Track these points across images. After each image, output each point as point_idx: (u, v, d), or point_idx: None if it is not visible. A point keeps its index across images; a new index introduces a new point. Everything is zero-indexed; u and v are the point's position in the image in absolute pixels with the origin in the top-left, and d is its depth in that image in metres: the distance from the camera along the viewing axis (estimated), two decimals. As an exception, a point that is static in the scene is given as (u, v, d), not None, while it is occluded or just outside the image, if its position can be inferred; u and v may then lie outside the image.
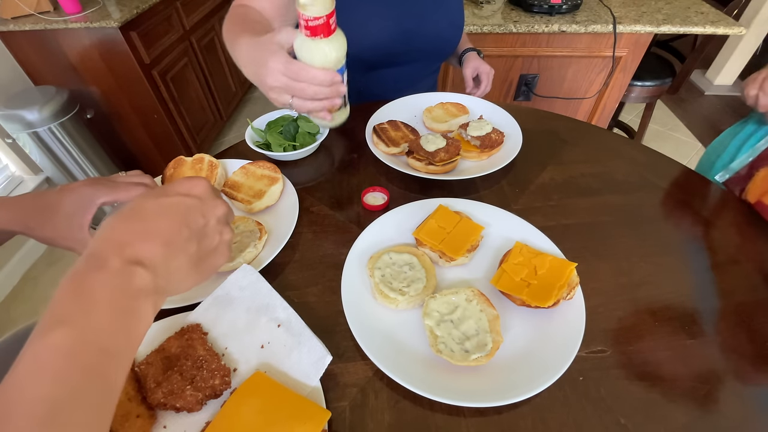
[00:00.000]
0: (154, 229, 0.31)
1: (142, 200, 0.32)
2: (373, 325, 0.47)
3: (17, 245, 1.71)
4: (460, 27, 0.92)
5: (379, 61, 0.86)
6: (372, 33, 0.80)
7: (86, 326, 0.25)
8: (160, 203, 0.32)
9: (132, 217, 0.31)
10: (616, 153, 0.75)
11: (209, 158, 0.68)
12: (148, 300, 0.29)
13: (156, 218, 0.31)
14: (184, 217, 0.32)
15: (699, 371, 0.44)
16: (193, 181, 0.35)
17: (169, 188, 0.34)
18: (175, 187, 0.34)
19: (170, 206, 0.32)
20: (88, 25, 1.48)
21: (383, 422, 0.41)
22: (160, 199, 0.32)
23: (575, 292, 0.48)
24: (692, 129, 2.44)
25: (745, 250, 0.57)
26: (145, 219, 0.31)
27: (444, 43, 0.91)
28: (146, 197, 0.32)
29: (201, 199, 0.34)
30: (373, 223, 0.58)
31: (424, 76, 0.97)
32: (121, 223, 0.30)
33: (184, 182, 0.35)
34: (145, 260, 0.29)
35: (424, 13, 0.83)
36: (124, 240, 0.29)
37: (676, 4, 1.41)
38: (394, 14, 0.79)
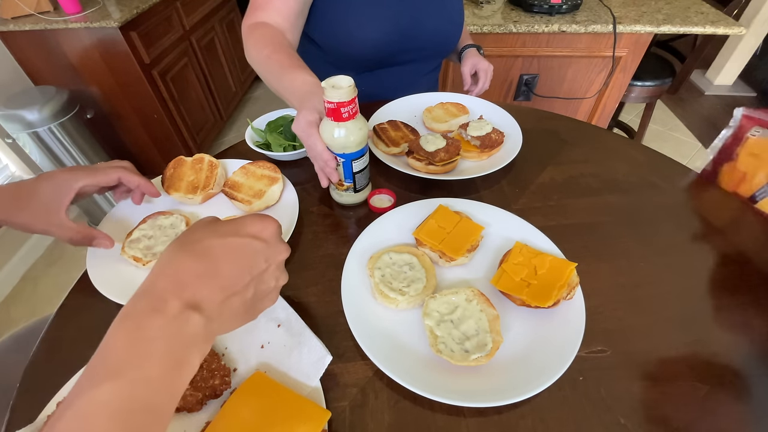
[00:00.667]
0: (217, 271, 0.29)
1: (211, 236, 0.30)
2: (373, 325, 0.47)
3: (17, 245, 1.71)
4: (459, 24, 0.91)
5: (378, 62, 0.86)
6: (369, 34, 0.80)
7: (138, 380, 0.24)
8: (228, 244, 0.30)
9: (197, 255, 0.29)
10: (616, 153, 0.75)
11: (209, 158, 0.68)
12: (197, 348, 0.28)
13: (222, 260, 0.30)
14: (250, 261, 0.31)
15: (699, 371, 0.44)
16: (265, 222, 0.34)
17: (240, 226, 0.32)
18: (246, 226, 0.32)
19: (238, 248, 0.31)
20: (88, 25, 1.48)
21: (383, 422, 0.41)
22: (229, 240, 0.31)
23: (575, 292, 0.48)
24: (692, 129, 2.44)
25: (745, 250, 0.57)
26: (211, 259, 0.29)
27: (443, 41, 0.90)
28: (215, 233, 0.31)
29: (268, 244, 0.33)
30: (373, 223, 0.58)
31: (424, 75, 0.97)
32: (185, 260, 0.29)
33: (255, 222, 0.33)
34: (202, 305, 0.28)
35: (421, 12, 0.82)
36: (185, 280, 0.28)
37: (676, 4, 1.41)
38: (391, 14, 0.79)
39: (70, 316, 0.52)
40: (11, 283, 1.67)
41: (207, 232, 0.31)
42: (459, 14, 0.91)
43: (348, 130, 0.52)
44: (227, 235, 0.31)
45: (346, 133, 0.52)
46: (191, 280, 0.28)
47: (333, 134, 0.53)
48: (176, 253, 0.29)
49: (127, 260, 0.55)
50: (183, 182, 0.65)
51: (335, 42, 0.82)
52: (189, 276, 0.28)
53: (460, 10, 0.91)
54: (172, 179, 0.66)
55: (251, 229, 0.32)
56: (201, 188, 0.64)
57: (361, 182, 0.61)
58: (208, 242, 0.30)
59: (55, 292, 1.65)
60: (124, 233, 0.58)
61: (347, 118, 0.51)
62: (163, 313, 0.26)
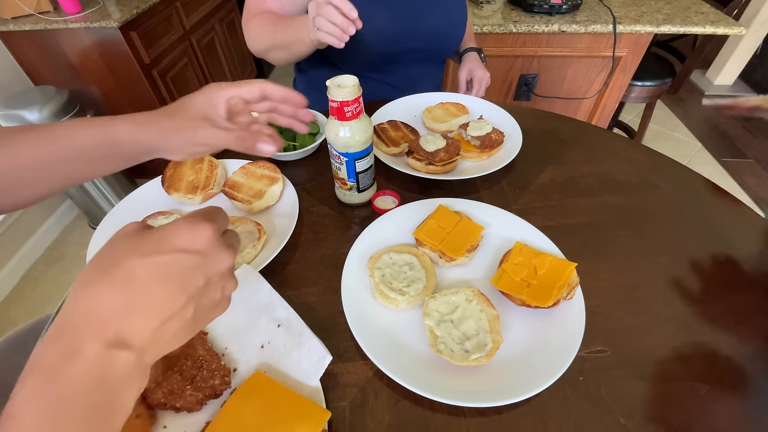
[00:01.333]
0: (143, 300, 0.24)
1: (131, 257, 0.25)
2: (373, 325, 0.47)
3: (17, 245, 1.71)
4: (461, 25, 0.91)
5: (377, 62, 0.86)
6: (367, 36, 0.80)
7: None
8: (153, 264, 0.25)
9: (116, 283, 0.24)
10: (616, 153, 0.75)
11: (209, 158, 0.68)
12: (130, 388, 0.24)
13: (147, 286, 0.25)
14: (183, 280, 0.26)
15: (699, 371, 0.44)
16: (195, 230, 0.27)
17: (165, 240, 0.26)
18: (172, 238, 0.27)
19: (166, 269, 0.25)
20: (88, 25, 1.48)
21: (383, 422, 0.41)
22: (154, 259, 0.25)
23: (575, 292, 0.48)
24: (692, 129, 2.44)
25: (745, 250, 0.57)
26: (133, 288, 0.24)
27: (443, 42, 0.90)
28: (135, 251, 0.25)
29: (204, 255, 0.27)
30: (373, 223, 0.58)
31: (425, 75, 0.97)
32: (103, 291, 0.24)
33: (183, 232, 0.27)
34: (130, 340, 0.24)
35: (421, 14, 0.82)
36: (104, 317, 0.23)
37: (676, 4, 1.41)
38: (391, 15, 0.79)
39: (70, 316, 0.52)
40: (11, 283, 1.67)
41: (126, 250, 0.26)
42: (461, 15, 0.91)
43: (352, 129, 0.52)
44: (150, 253, 0.25)
45: (350, 132, 0.53)
46: (112, 316, 0.24)
47: (337, 133, 0.53)
48: (91, 282, 0.24)
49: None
50: (183, 182, 0.65)
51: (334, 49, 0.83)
52: (108, 311, 0.24)
53: (462, 12, 0.91)
54: (172, 179, 0.66)
55: (179, 241, 0.27)
56: (201, 188, 0.64)
57: (365, 182, 0.61)
58: (129, 265, 0.25)
59: (55, 292, 1.65)
60: (124, 233, 0.58)
61: (351, 117, 0.51)
62: (80, 359, 0.22)
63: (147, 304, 0.25)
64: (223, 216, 0.31)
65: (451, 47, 0.93)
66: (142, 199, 0.65)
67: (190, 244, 0.27)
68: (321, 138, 0.73)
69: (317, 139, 0.74)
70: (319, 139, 0.73)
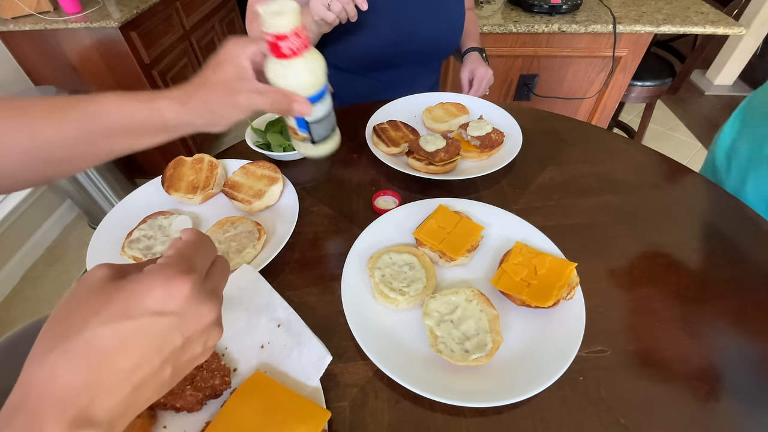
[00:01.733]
0: (109, 372, 0.22)
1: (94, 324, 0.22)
2: (373, 325, 0.47)
3: (17, 245, 1.71)
4: (458, 28, 0.91)
5: (373, 65, 0.87)
6: (364, 40, 0.80)
7: None
8: (121, 331, 0.22)
9: (76, 356, 0.21)
10: (616, 153, 0.75)
11: (209, 158, 0.68)
12: None
13: (112, 356, 0.22)
14: (156, 345, 0.23)
15: (699, 371, 0.44)
16: (169, 287, 0.24)
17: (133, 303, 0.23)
18: (142, 299, 0.23)
19: (134, 336, 0.23)
20: (88, 25, 1.48)
21: (383, 422, 0.41)
22: (121, 325, 0.22)
23: (575, 292, 0.48)
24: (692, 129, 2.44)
25: (744, 250, 0.57)
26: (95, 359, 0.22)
27: (440, 45, 0.90)
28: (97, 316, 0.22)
29: (180, 315, 0.24)
30: (373, 223, 0.58)
31: (422, 76, 0.97)
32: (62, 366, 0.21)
33: (155, 290, 0.24)
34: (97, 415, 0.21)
35: (418, 18, 0.82)
36: (65, 395, 0.21)
37: (676, 4, 1.41)
38: (386, 21, 0.79)
39: (70, 316, 0.52)
40: (11, 283, 1.67)
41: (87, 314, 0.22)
42: (458, 17, 0.90)
43: (294, 69, 0.41)
44: (117, 318, 0.22)
45: (292, 73, 0.41)
46: (73, 393, 0.21)
47: (275, 75, 0.41)
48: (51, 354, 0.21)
49: (127, 260, 0.55)
50: (183, 182, 0.65)
51: (332, 46, 0.83)
52: (69, 388, 0.21)
53: (459, 15, 0.90)
54: (172, 179, 0.66)
55: (150, 303, 0.23)
56: (201, 188, 0.64)
57: (320, 133, 0.48)
58: (90, 333, 0.22)
59: (55, 292, 1.65)
60: (124, 233, 0.58)
61: (290, 54, 0.39)
62: None
63: (113, 376, 0.22)
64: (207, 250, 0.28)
65: (447, 51, 0.93)
66: (142, 199, 0.65)
67: (164, 305, 0.24)
68: (321, 138, 0.73)
69: (317, 139, 0.74)
70: (319, 139, 0.73)
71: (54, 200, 1.88)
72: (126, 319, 0.23)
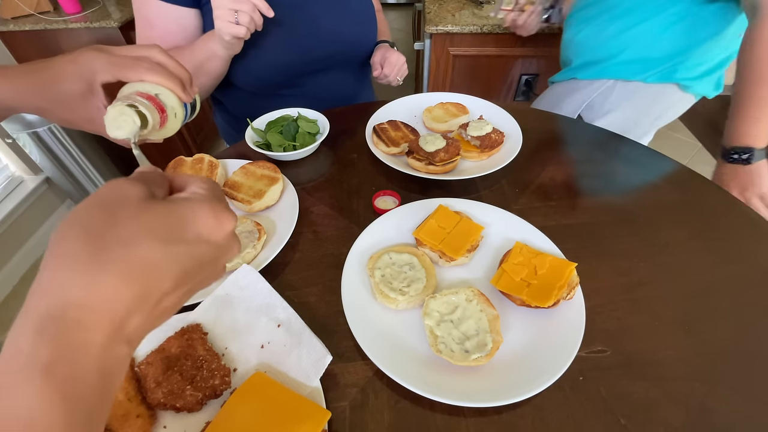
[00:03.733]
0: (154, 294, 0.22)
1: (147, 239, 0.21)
2: (373, 325, 0.47)
3: (17, 245, 1.71)
4: (365, 23, 0.88)
5: (287, 79, 0.83)
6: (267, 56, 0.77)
7: None
8: (172, 255, 0.22)
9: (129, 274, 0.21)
10: (616, 153, 0.75)
11: (209, 158, 0.68)
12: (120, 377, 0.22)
13: (161, 278, 0.22)
14: (195, 273, 0.24)
15: (699, 371, 0.44)
16: (221, 220, 0.25)
17: (188, 225, 0.23)
18: (195, 224, 0.24)
19: (184, 260, 0.23)
20: (88, 25, 1.48)
21: (383, 422, 0.41)
22: (174, 248, 0.22)
23: (575, 292, 0.48)
24: (692, 129, 2.44)
25: (744, 250, 0.57)
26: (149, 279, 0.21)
27: (351, 45, 0.86)
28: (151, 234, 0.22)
29: (222, 248, 0.25)
30: (373, 223, 0.58)
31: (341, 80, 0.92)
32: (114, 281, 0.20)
33: (209, 217, 0.24)
34: (131, 337, 0.22)
35: (318, 22, 0.79)
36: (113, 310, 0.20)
37: (676, 4, 1.40)
38: (284, 33, 0.76)
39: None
40: (11, 283, 1.67)
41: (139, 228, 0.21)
42: (364, 13, 0.87)
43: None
44: (171, 239, 0.22)
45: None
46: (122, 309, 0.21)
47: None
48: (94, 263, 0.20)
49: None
50: (183, 182, 0.65)
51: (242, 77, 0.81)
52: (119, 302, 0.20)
53: (365, 9, 0.87)
54: (172, 179, 0.66)
55: (203, 229, 0.24)
56: (201, 188, 0.64)
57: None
58: (145, 250, 0.21)
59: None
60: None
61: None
62: (86, 358, 0.20)
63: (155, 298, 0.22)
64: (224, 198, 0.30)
65: (361, 48, 0.89)
66: (142, 199, 0.65)
67: (213, 235, 0.24)
68: (321, 138, 0.73)
69: (317, 139, 0.74)
70: (320, 139, 0.73)
71: (54, 200, 1.88)
72: (180, 242, 0.23)
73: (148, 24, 0.74)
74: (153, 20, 0.73)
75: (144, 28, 0.75)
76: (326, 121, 0.76)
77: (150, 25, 0.74)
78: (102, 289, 0.20)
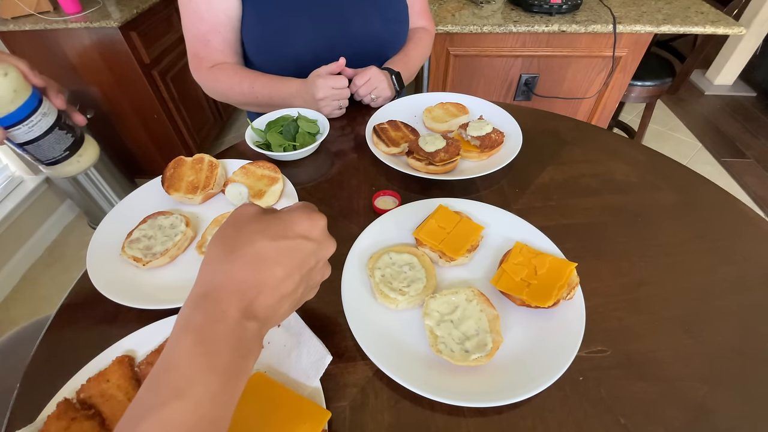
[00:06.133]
0: (272, 278, 0.29)
1: (261, 238, 0.29)
2: (373, 325, 0.47)
3: (17, 245, 1.71)
4: (397, 21, 0.86)
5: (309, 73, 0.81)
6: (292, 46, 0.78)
7: (203, 396, 0.24)
8: (280, 248, 0.30)
9: (250, 262, 0.29)
10: (616, 153, 0.75)
11: (209, 158, 0.68)
12: (253, 355, 0.28)
13: (276, 266, 0.29)
14: (301, 264, 0.31)
15: (699, 371, 0.44)
16: (313, 220, 0.33)
17: (289, 226, 0.31)
18: (294, 225, 0.31)
19: (290, 252, 0.30)
20: (88, 25, 1.48)
21: (383, 422, 0.41)
22: (281, 243, 0.30)
23: (575, 292, 0.48)
24: (692, 129, 2.44)
25: (745, 250, 0.57)
26: (265, 266, 0.29)
27: (378, 42, 0.85)
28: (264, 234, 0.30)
29: (318, 242, 0.33)
30: (373, 223, 0.58)
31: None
32: (240, 268, 0.28)
33: (303, 220, 0.32)
34: (258, 312, 0.28)
35: (349, 17, 0.78)
36: (243, 290, 0.28)
37: (676, 4, 1.41)
38: (313, 24, 0.76)
39: (70, 316, 0.52)
40: (11, 283, 1.67)
41: (255, 232, 0.30)
42: (397, 11, 0.85)
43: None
44: (278, 237, 0.30)
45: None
46: (248, 290, 0.28)
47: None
48: (228, 258, 0.29)
49: (127, 260, 0.55)
50: (183, 182, 0.65)
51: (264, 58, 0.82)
52: (246, 285, 0.28)
53: (399, 7, 0.85)
54: (172, 179, 0.66)
55: (300, 228, 0.32)
56: (201, 188, 0.64)
57: (46, 153, 0.43)
58: (260, 246, 0.29)
59: (55, 292, 1.65)
60: (124, 233, 0.58)
61: None
62: (223, 325, 0.26)
63: (273, 282, 0.29)
64: None
65: (389, 47, 0.87)
66: (142, 199, 0.65)
67: (310, 232, 0.32)
68: (321, 138, 0.73)
69: (317, 139, 0.74)
70: (320, 139, 0.73)
71: (54, 200, 1.88)
72: (284, 238, 0.30)
73: (198, 18, 0.77)
74: (203, 13, 0.76)
75: (194, 22, 0.78)
76: (326, 121, 0.76)
77: (200, 18, 0.77)
78: (233, 275, 0.28)
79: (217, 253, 0.29)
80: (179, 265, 0.56)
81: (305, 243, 0.31)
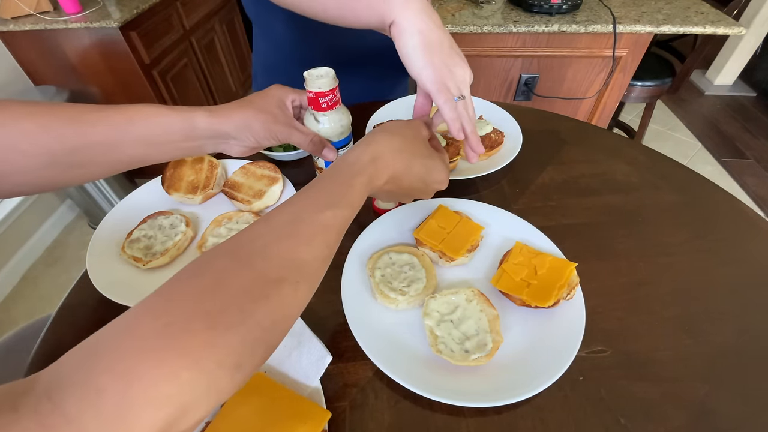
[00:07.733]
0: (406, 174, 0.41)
1: (420, 158, 0.42)
2: (373, 325, 0.47)
3: (17, 245, 1.71)
4: None
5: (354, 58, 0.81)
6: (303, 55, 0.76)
7: (347, 209, 0.35)
8: (423, 170, 0.43)
9: (412, 163, 0.41)
10: (616, 153, 0.75)
11: (209, 158, 0.68)
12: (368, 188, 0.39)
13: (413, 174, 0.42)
14: (423, 185, 0.44)
15: (699, 371, 0.44)
16: (444, 173, 0.45)
17: (436, 168, 0.44)
18: (438, 173, 0.44)
19: (424, 176, 0.43)
20: (88, 25, 1.48)
21: (383, 422, 0.41)
22: (427, 174, 0.43)
23: (575, 292, 0.48)
24: (692, 129, 2.44)
25: (744, 250, 0.57)
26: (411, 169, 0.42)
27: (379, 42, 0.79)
28: (421, 162, 0.42)
29: (441, 183, 0.46)
30: (373, 223, 0.58)
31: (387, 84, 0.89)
32: (400, 162, 0.40)
33: (442, 173, 0.45)
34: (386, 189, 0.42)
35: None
36: (393, 173, 0.40)
37: (676, 4, 1.41)
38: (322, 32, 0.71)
39: (70, 316, 0.52)
40: (11, 283, 1.67)
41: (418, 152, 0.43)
42: None
43: (329, 120, 0.53)
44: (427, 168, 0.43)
45: (327, 123, 0.53)
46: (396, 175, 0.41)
47: (313, 124, 0.54)
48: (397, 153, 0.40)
49: (127, 260, 0.55)
50: (183, 182, 0.65)
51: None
52: (395, 170, 0.40)
53: None
54: (171, 179, 0.66)
55: (437, 175, 0.44)
56: (201, 188, 0.64)
57: None
58: (419, 162, 0.42)
59: (55, 292, 1.65)
60: (124, 233, 0.58)
61: (326, 108, 0.51)
62: (364, 176, 0.37)
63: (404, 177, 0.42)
64: None
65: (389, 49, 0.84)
66: (142, 199, 0.65)
67: (439, 184, 0.46)
68: (321, 138, 0.73)
69: (317, 139, 0.74)
70: (319, 139, 0.73)
71: (54, 200, 1.88)
72: (431, 171, 0.44)
73: None
74: None
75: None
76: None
77: None
78: (394, 163, 0.40)
79: (395, 145, 0.41)
80: (179, 265, 0.56)
81: (436, 185, 0.46)
